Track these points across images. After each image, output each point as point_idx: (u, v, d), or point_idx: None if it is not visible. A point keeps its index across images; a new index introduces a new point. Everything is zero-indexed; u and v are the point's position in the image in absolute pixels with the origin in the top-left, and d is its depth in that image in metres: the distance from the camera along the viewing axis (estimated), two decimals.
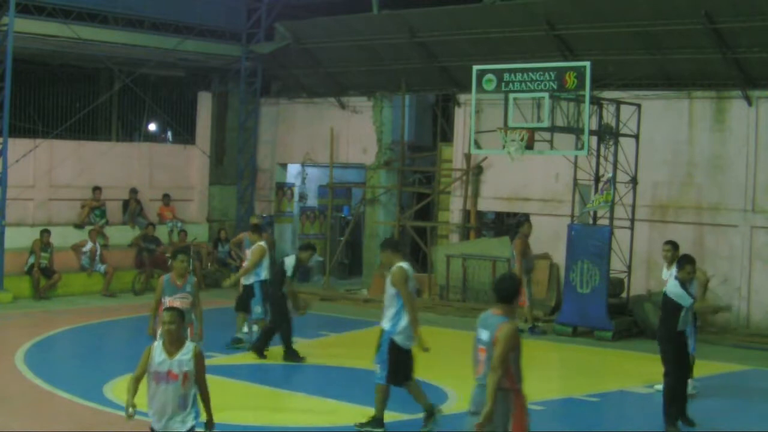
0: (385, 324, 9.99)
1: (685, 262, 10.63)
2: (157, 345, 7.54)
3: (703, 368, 12.70)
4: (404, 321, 9.85)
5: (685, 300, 10.49)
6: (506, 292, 7.47)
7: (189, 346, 7.50)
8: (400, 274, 9.80)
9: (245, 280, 14.34)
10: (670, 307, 10.52)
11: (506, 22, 18.53)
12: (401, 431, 10.45)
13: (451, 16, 19.23)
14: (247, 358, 13.70)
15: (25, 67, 19.87)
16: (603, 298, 16.14)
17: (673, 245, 12.30)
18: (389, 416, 10.80)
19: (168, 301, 10.43)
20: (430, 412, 10.22)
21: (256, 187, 23.71)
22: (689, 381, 11.90)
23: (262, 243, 14.33)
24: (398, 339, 9.89)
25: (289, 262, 13.63)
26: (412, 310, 9.83)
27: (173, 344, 7.46)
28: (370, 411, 10.90)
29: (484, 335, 7.41)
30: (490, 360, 7.27)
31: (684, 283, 10.58)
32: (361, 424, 10.09)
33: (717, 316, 17.05)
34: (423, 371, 13.02)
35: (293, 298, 13.71)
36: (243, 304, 14.47)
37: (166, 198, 22.47)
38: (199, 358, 7.46)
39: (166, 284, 10.72)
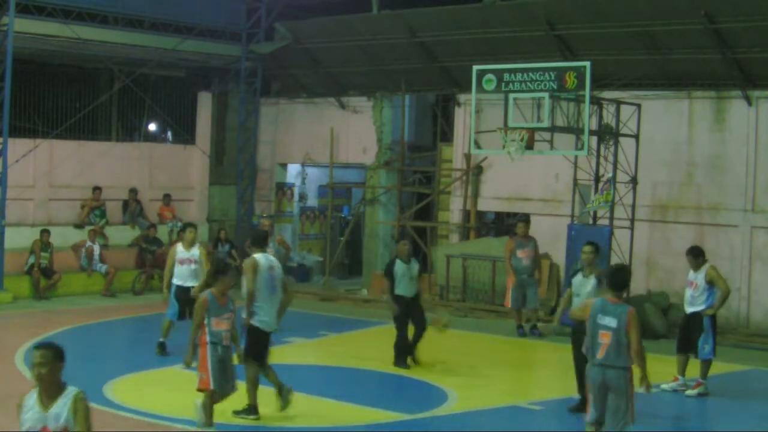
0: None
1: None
2: (30, 395, 6.07)
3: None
4: (258, 305, 10.59)
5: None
6: (621, 281, 8.66)
7: (69, 393, 6.03)
8: (247, 264, 10.74)
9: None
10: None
11: (506, 22, 18.53)
12: (401, 431, 10.45)
13: (451, 16, 19.24)
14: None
15: (25, 67, 19.86)
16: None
17: (595, 246, 11.50)
18: (389, 416, 10.81)
19: (215, 322, 9.64)
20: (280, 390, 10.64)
21: (256, 187, 23.71)
22: (681, 378, 12.09)
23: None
24: (253, 321, 10.64)
25: None
26: (249, 297, 10.59)
27: (48, 392, 5.99)
28: (370, 411, 10.93)
29: (610, 322, 8.37)
30: (617, 343, 8.33)
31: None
32: (237, 412, 10.46)
33: (718, 316, 17.01)
34: (423, 371, 13.07)
35: None
36: None
37: (167, 198, 22.47)
38: (80, 405, 6.02)
39: (211, 303, 9.72)
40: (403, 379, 12.79)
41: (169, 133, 25.46)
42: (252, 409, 10.47)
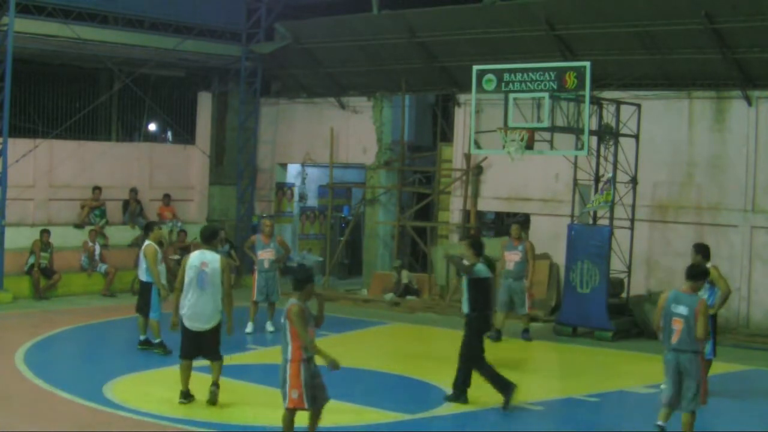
0: None
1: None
2: None
3: None
4: (183, 302, 10.89)
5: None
6: (694, 273, 9.57)
7: None
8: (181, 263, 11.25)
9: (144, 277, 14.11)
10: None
11: (506, 22, 18.53)
12: (401, 431, 10.46)
13: (451, 16, 19.23)
14: (247, 358, 13.70)
15: (25, 67, 19.86)
16: (603, 298, 16.14)
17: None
18: (389, 416, 10.81)
19: (311, 332, 9.17)
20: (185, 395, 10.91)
21: (256, 187, 23.70)
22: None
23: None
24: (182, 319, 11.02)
25: None
26: (177, 292, 11.02)
27: None
28: (370, 411, 10.93)
29: (683, 310, 9.35)
30: (688, 330, 9.27)
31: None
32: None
33: (718, 316, 17.02)
34: (423, 371, 13.06)
35: None
36: None
37: (166, 198, 22.46)
38: None
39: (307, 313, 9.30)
40: (403, 379, 12.80)
41: (169, 133, 25.46)
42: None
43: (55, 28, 18.93)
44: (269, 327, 15.88)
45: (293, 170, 24.21)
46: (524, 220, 20.53)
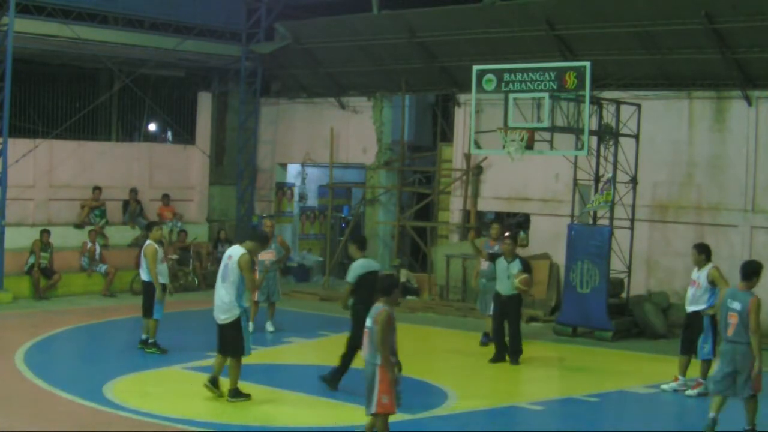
0: None
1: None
2: None
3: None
4: None
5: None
6: (749, 273, 10.17)
7: None
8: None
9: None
10: None
11: (506, 22, 18.53)
12: (401, 431, 10.45)
13: (451, 16, 19.23)
14: (246, 358, 13.68)
15: (25, 67, 19.85)
16: (603, 298, 16.13)
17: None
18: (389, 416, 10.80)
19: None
20: None
21: (256, 187, 23.71)
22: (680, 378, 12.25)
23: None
24: None
25: None
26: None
27: None
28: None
29: (737, 306, 10.02)
30: (742, 324, 9.94)
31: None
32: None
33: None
34: (423, 371, 13.06)
35: None
36: None
37: (165, 198, 22.46)
38: None
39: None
40: (402, 379, 12.77)
41: (169, 133, 25.45)
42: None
43: (55, 28, 18.93)
44: (269, 327, 15.88)
45: (293, 170, 24.21)
46: (524, 220, 20.55)
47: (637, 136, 16.71)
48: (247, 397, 11.14)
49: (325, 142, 22.42)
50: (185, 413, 10.55)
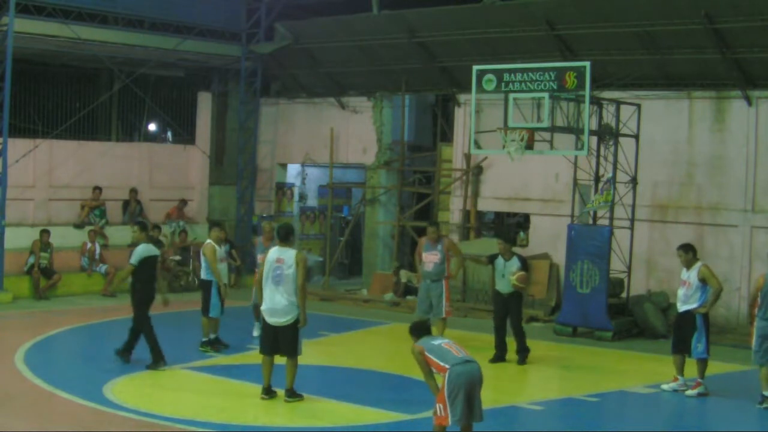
0: None
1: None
2: None
3: None
4: (264, 297, 11.43)
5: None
6: None
7: None
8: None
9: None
10: None
11: (506, 22, 18.53)
12: (401, 431, 10.46)
13: (451, 16, 19.24)
14: (246, 358, 13.69)
15: (25, 67, 19.87)
16: (603, 298, 16.14)
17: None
18: (389, 416, 10.81)
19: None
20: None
21: (256, 187, 23.70)
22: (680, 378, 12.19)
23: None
24: None
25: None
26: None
27: None
28: (370, 411, 10.93)
29: None
30: None
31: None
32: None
33: (716, 315, 17.03)
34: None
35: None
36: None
37: (182, 203, 22.66)
38: None
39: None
40: (403, 379, 12.78)
41: (169, 133, 25.47)
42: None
43: (55, 28, 18.93)
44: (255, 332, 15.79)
45: (293, 170, 24.22)
46: (523, 220, 20.54)
47: (637, 136, 16.71)
48: (301, 397, 11.22)
49: (325, 142, 22.42)
50: (185, 413, 10.55)
